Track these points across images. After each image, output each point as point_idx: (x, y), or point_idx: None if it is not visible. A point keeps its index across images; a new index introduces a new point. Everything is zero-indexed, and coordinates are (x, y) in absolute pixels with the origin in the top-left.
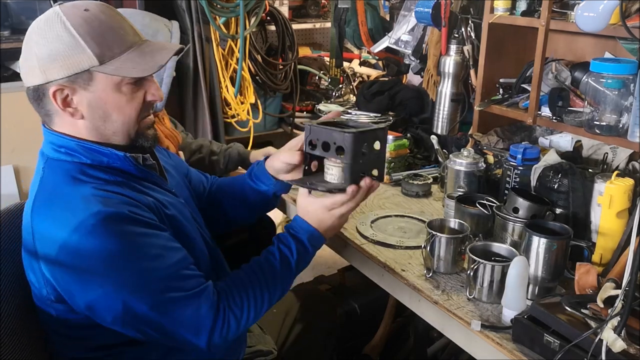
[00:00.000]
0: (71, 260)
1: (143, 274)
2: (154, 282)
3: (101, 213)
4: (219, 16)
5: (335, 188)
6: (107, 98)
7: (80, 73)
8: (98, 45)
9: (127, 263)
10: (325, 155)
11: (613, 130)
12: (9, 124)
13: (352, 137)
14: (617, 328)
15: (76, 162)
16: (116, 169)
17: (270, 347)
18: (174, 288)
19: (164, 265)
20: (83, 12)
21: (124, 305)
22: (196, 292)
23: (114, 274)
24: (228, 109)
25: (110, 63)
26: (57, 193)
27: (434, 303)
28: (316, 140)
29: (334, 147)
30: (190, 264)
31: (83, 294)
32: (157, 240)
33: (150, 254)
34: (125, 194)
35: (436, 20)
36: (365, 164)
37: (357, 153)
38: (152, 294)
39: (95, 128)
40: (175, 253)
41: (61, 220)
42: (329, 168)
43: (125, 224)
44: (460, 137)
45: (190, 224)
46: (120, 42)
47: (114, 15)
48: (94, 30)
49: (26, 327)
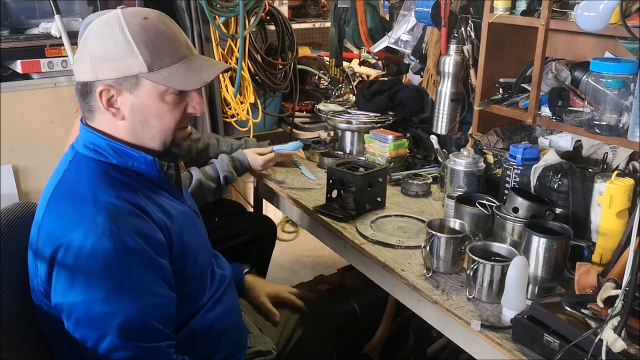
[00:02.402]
0: (61, 259)
1: (118, 296)
2: (121, 311)
3: (105, 227)
4: (219, 16)
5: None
6: (150, 105)
7: (128, 77)
8: (150, 53)
9: (109, 284)
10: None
11: (613, 130)
12: (9, 124)
13: (360, 177)
14: (617, 328)
15: (102, 162)
16: (138, 173)
17: (269, 347)
18: (132, 329)
19: (135, 302)
20: (142, 19)
21: (81, 319)
22: (147, 347)
23: (93, 286)
24: (227, 108)
25: (159, 72)
26: (75, 190)
27: (433, 303)
28: (335, 177)
29: (348, 184)
30: (164, 316)
31: (56, 294)
32: (140, 279)
33: (129, 286)
34: (138, 204)
35: (436, 20)
36: (370, 195)
37: (364, 188)
38: (112, 320)
39: (133, 131)
40: (153, 298)
41: (69, 220)
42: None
43: (123, 249)
44: (460, 136)
45: (198, 239)
46: (172, 53)
47: (170, 26)
48: (148, 38)
49: (26, 326)
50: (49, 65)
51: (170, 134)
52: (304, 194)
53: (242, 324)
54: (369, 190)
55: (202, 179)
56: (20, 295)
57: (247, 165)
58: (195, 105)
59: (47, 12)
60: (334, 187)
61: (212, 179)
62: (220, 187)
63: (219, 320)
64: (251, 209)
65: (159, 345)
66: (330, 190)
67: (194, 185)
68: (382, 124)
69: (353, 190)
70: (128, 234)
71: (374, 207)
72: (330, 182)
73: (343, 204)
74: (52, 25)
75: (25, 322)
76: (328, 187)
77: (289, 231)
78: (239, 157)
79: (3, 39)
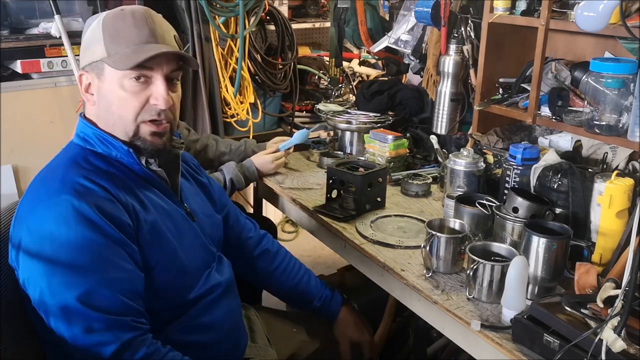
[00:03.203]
0: (26, 237)
1: (77, 269)
2: (81, 282)
3: (67, 202)
4: (219, 16)
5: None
6: (111, 90)
7: (95, 62)
8: (111, 39)
9: (71, 255)
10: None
11: (613, 130)
12: (9, 124)
13: (360, 177)
14: (617, 328)
15: (87, 149)
16: (122, 164)
17: None
18: (92, 298)
19: (96, 274)
20: (119, 11)
21: (44, 292)
22: (110, 320)
23: (53, 259)
24: (227, 108)
25: (113, 56)
26: (51, 172)
27: (433, 303)
28: (335, 177)
29: (348, 184)
30: (129, 291)
31: (22, 270)
32: (104, 250)
33: (89, 259)
34: (108, 188)
35: (436, 20)
36: (370, 195)
37: (364, 188)
38: (72, 291)
39: (99, 116)
40: (115, 271)
41: (37, 198)
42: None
43: (83, 222)
44: (460, 136)
45: (184, 238)
46: (130, 39)
47: (145, 16)
48: (114, 27)
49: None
50: (48, 65)
51: (131, 124)
52: (304, 194)
53: (238, 334)
54: (369, 190)
55: None
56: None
57: (255, 172)
58: (158, 97)
59: (47, 12)
60: (334, 187)
61: (218, 181)
62: (225, 189)
63: (208, 328)
64: (251, 210)
65: (125, 318)
66: (330, 190)
67: None
68: (382, 124)
69: (353, 190)
70: (90, 208)
71: (373, 207)
72: (330, 182)
73: (343, 204)
74: (52, 25)
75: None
76: (328, 187)
77: (289, 231)
78: (247, 164)
79: (3, 39)
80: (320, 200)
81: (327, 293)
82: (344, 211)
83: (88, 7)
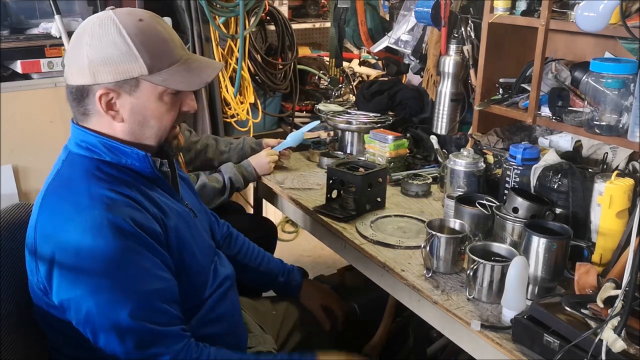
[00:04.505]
0: (61, 255)
1: (123, 285)
2: (129, 298)
3: (102, 217)
4: (219, 16)
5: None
6: (149, 106)
7: (128, 80)
8: (150, 56)
9: (113, 271)
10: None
11: (613, 130)
12: (9, 124)
13: (360, 178)
14: (617, 328)
15: (95, 159)
16: (131, 169)
17: (270, 348)
18: (142, 315)
19: (141, 288)
20: (138, 21)
21: (92, 311)
22: (161, 332)
23: (97, 277)
24: (227, 108)
25: (159, 74)
26: (69, 187)
27: (433, 303)
28: (335, 177)
29: (348, 184)
30: (170, 300)
31: (62, 290)
32: (142, 265)
33: (131, 274)
34: (133, 196)
35: (436, 20)
36: (370, 195)
37: (364, 188)
38: (121, 308)
39: (131, 131)
40: (157, 282)
41: (64, 215)
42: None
43: (121, 235)
44: (460, 137)
45: (196, 236)
46: (170, 54)
47: (165, 27)
48: (147, 41)
49: (26, 326)
50: (49, 65)
51: (166, 132)
52: (304, 194)
53: (242, 325)
54: (369, 190)
55: (206, 182)
56: (19, 296)
57: (253, 171)
58: (189, 102)
59: (47, 12)
60: (334, 187)
61: (217, 181)
62: (225, 188)
63: (221, 320)
64: (251, 210)
65: (173, 328)
66: (330, 191)
67: (198, 186)
68: (382, 124)
69: (353, 191)
70: (125, 221)
71: (374, 207)
72: (330, 182)
73: (343, 204)
74: (52, 25)
75: (25, 322)
76: (328, 187)
77: (289, 231)
78: (244, 164)
79: (3, 39)
80: (320, 201)
81: (288, 267)
82: (344, 211)
83: (88, 7)
